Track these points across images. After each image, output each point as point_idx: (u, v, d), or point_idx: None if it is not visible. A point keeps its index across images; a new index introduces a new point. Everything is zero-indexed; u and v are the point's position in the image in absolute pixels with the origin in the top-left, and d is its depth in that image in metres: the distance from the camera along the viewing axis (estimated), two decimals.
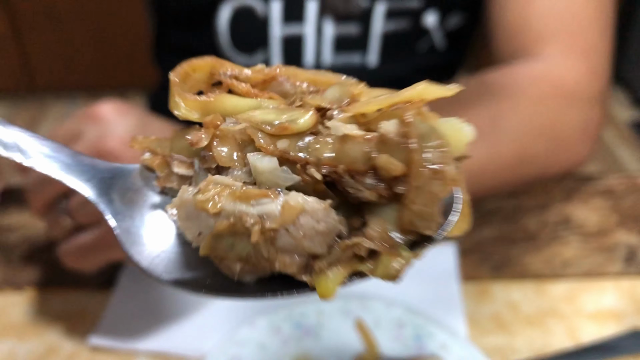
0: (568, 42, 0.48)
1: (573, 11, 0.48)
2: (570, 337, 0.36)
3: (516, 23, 0.49)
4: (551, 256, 0.41)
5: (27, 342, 0.36)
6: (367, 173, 0.17)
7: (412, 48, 0.55)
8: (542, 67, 0.46)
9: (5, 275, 0.40)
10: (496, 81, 0.45)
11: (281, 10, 0.53)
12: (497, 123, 0.41)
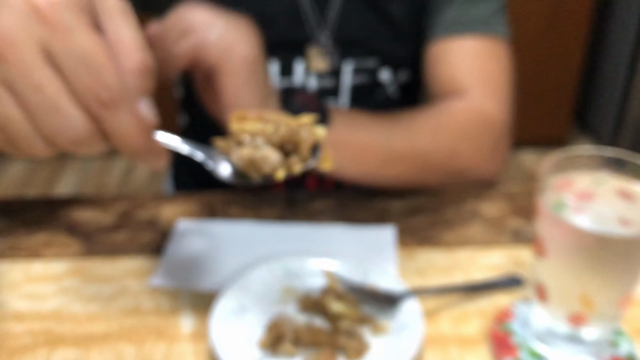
0: (484, 89, 0.68)
1: (487, 69, 0.68)
2: (466, 281, 0.54)
3: (446, 77, 0.69)
4: (461, 233, 0.60)
5: (96, 285, 0.54)
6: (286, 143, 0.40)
7: (372, 96, 0.76)
8: (467, 102, 0.66)
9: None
10: (433, 107, 0.65)
11: (279, 69, 0.73)
12: (425, 126, 0.61)
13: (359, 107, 0.75)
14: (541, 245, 0.43)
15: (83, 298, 0.53)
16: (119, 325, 0.50)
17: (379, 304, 0.49)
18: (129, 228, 0.61)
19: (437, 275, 0.55)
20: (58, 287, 0.54)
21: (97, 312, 0.51)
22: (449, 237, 0.59)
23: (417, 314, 0.47)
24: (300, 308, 0.50)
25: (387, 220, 0.61)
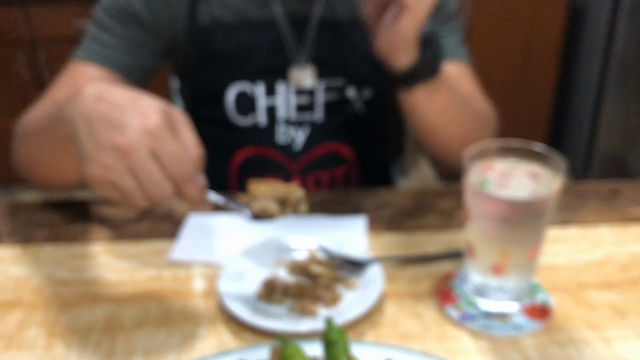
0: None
1: (465, 85, 0.85)
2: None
3: None
4: (419, 221, 0.74)
5: (125, 261, 0.67)
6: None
7: (342, 111, 0.91)
8: None
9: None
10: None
11: (264, 89, 0.88)
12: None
13: (332, 121, 0.90)
14: (468, 213, 0.56)
15: (115, 270, 0.66)
16: (144, 288, 0.63)
17: (350, 268, 0.63)
18: (149, 220, 0.75)
19: (398, 251, 0.68)
20: (94, 262, 0.67)
21: (127, 280, 0.64)
22: (409, 224, 0.73)
23: (379, 275, 0.61)
24: (289, 271, 0.63)
25: (360, 212, 0.75)
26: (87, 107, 0.50)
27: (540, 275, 0.64)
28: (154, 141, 0.48)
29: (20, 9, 2.03)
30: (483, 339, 0.56)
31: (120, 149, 0.47)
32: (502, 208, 0.54)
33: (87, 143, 0.49)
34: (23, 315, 0.59)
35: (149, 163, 0.48)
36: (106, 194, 0.50)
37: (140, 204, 0.50)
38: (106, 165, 0.48)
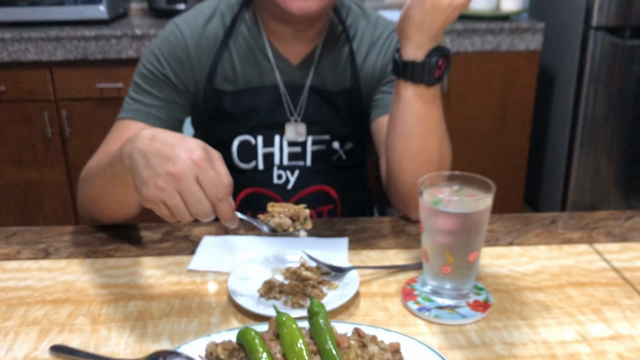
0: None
1: (430, 147, 1.01)
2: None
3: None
4: (392, 242, 0.90)
5: (151, 270, 0.83)
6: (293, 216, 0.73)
7: (328, 159, 1.09)
8: None
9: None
10: None
11: (262, 141, 1.07)
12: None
13: (319, 167, 1.08)
14: (422, 226, 0.73)
15: (143, 277, 0.82)
16: (168, 289, 0.78)
17: (333, 273, 0.79)
18: (171, 241, 0.91)
19: (372, 263, 0.84)
20: (126, 271, 0.83)
21: (154, 283, 0.80)
22: (383, 244, 0.89)
23: (356, 279, 0.77)
24: (285, 276, 0.79)
25: (343, 236, 0.92)
26: (144, 145, 0.67)
27: (485, 280, 0.80)
28: (198, 170, 0.65)
29: (47, 72, 2.25)
30: (435, 325, 0.71)
31: (172, 175, 0.64)
32: (450, 220, 0.70)
33: (145, 171, 0.66)
34: (72, 309, 0.75)
35: (194, 186, 0.65)
36: (158, 211, 0.67)
37: (185, 220, 0.66)
38: (161, 188, 0.65)
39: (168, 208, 0.66)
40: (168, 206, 0.66)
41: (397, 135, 0.90)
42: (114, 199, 0.85)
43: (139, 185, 0.67)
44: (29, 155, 2.36)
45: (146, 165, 0.66)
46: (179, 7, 2.46)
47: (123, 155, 0.72)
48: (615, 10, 2.28)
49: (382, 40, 1.08)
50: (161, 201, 0.65)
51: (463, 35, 2.33)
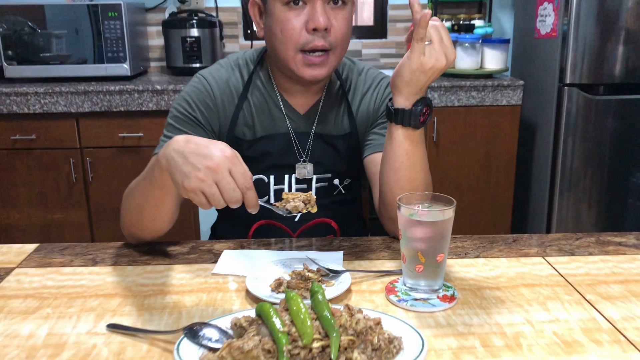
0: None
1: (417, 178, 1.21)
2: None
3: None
4: (379, 255, 1.09)
5: (182, 274, 1.02)
6: (304, 201, 0.95)
7: (330, 194, 1.29)
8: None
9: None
10: None
11: (274, 179, 1.27)
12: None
13: (322, 201, 1.28)
14: (401, 234, 0.92)
15: (175, 279, 1.00)
16: (197, 287, 0.97)
17: (330, 274, 0.98)
18: (197, 253, 1.10)
19: (362, 269, 1.03)
20: (161, 275, 1.02)
21: (184, 283, 0.98)
22: (372, 256, 1.09)
23: (348, 279, 0.95)
24: (291, 276, 0.97)
25: (339, 250, 1.11)
26: (180, 146, 0.87)
27: (454, 282, 0.98)
28: (230, 164, 0.84)
29: (74, 122, 2.49)
30: (411, 312, 0.89)
31: (210, 169, 0.83)
32: (422, 228, 0.90)
33: (185, 167, 0.85)
34: (120, 300, 0.93)
35: (228, 177, 0.83)
36: (196, 200, 0.85)
37: (219, 205, 0.85)
38: (201, 179, 0.83)
39: (206, 197, 0.84)
40: (206, 195, 0.84)
41: (389, 169, 1.11)
42: (152, 203, 1.03)
43: (181, 179, 0.85)
44: (54, 198, 2.57)
45: (186, 162, 0.85)
46: (194, 65, 2.72)
47: (159, 158, 0.91)
48: (587, 69, 2.53)
49: (372, 89, 1.30)
50: (201, 191, 0.84)
51: (450, 91, 2.57)
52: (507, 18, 3.19)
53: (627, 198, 2.69)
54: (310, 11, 1.11)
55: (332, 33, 1.13)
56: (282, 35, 1.13)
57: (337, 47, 1.15)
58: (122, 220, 1.14)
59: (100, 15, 2.55)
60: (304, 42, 1.12)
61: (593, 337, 0.82)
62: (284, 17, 1.12)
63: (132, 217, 1.10)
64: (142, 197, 1.05)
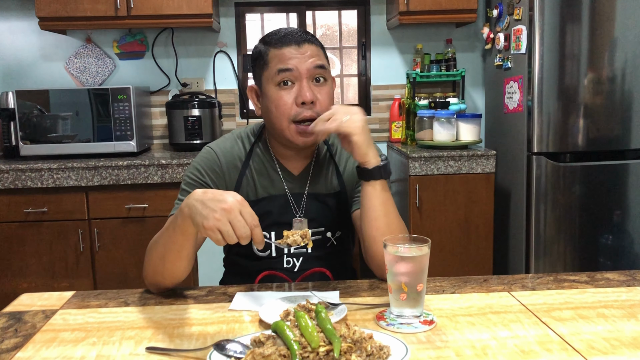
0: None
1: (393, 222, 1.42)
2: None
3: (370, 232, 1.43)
4: (372, 293, 1.27)
5: (204, 310, 1.19)
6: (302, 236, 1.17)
7: (323, 245, 1.48)
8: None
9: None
10: None
11: (274, 235, 1.47)
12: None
13: (317, 253, 1.47)
14: (387, 269, 1.12)
15: (199, 314, 1.18)
16: (217, 320, 1.15)
17: (330, 307, 1.16)
18: (214, 295, 1.28)
19: (356, 303, 1.22)
20: (186, 312, 1.20)
21: (206, 317, 1.16)
22: (363, 294, 1.27)
23: (344, 311, 1.14)
24: (296, 309, 1.16)
25: (336, 290, 1.29)
26: (199, 196, 1.08)
27: (433, 310, 1.17)
28: (240, 207, 1.05)
29: (84, 195, 2.69)
30: (398, 333, 1.07)
31: (225, 210, 1.04)
32: (405, 263, 1.10)
33: (204, 210, 1.05)
34: (153, 331, 1.10)
35: (239, 216, 1.04)
36: (213, 236, 1.05)
37: (232, 241, 1.04)
38: (217, 219, 1.04)
39: (221, 233, 1.04)
40: (222, 232, 1.04)
41: (369, 219, 1.32)
42: (175, 249, 1.19)
43: (201, 220, 1.05)
44: (61, 267, 2.72)
45: (204, 207, 1.06)
46: (195, 141, 2.97)
47: (182, 208, 1.12)
48: (552, 139, 2.80)
49: None
50: (217, 228, 1.04)
51: (430, 161, 2.83)
52: (478, 96, 3.51)
53: (599, 258, 2.90)
54: (298, 89, 1.36)
55: (317, 105, 1.38)
56: (277, 110, 1.38)
57: None
58: (145, 270, 1.31)
59: (111, 97, 2.81)
60: (295, 114, 1.37)
61: (545, 347, 1.00)
62: (277, 96, 1.37)
63: (156, 265, 1.28)
64: (165, 245, 1.23)
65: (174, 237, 1.19)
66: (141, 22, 2.95)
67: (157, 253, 1.26)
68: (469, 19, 3.12)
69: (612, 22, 2.76)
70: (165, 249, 1.23)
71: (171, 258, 1.23)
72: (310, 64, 1.36)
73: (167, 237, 1.22)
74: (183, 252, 1.22)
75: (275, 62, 1.36)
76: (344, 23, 3.67)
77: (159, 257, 1.25)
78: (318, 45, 1.41)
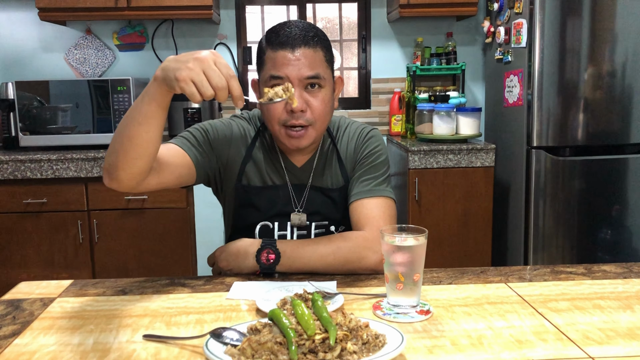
0: (369, 226, 1.40)
1: (373, 214, 1.42)
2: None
3: (358, 219, 1.43)
4: (368, 284, 1.28)
5: (201, 299, 1.20)
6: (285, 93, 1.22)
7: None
8: (362, 233, 1.38)
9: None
10: (341, 234, 1.38)
11: (277, 225, 1.47)
12: (338, 244, 1.33)
13: None
14: (384, 258, 1.12)
15: (196, 303, 1.18)
16: (214, 308, 1.15)
17: (327, 296, 1.17)
18: (211, 284, 1.29)
19: (353, 293, 1.22)
20: (183, 301, 1.20)
21: (205, 305, 1.17)
22: (360, 284, 1.28)
23: (341, 300, 1.14)
24: (292, 298, 1.16)
25: (333, 280, 1.30)
26: (171, 57, 1.05)
27: (430, 301, 1.17)
28: (214, 57, 1.03)
29: (83, 186, 2.69)
30: (394, 323, 1.08)
31: (198, 59, 1.01)
32: (402, 252, 1.10)
33: (176, 64, 1.02)
34: (150, 319, 1.11)
35: (213, 66, 1.01)
36: (187, 89, 1.01)
37: (207, 93, 1.01)
38: (190, 68, 1.01)
39: (195, 85, 1.01)
40: (195, 82, 1.01)
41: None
42: (139, 120, 1.09)
43: (173, 72, 1.01)
44: (60, 258, 2.73)
45: (177, 61, 1.02)
46: None
47: (156, 74, 1.06)
48: (552, 133, 2.80)
49: (355, 138, 1.51)
50: (190, 79, 1.01)
51: (429, 155, 2.83)
52: (478, 89, 3.51)
53: (597, 252, 2.91)
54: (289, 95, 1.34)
55: (310, 112, 1.34)
56: (268, 113, 1.37)
57: (315, 122, 1.37)
58: (108, 152, 1.19)
59: (110, 89, 2.81)
60: (285, 120, 1.35)
61: (541, 337, 1.01)
62: None
63: (115, 141, 1.15)
64: (130, 117, 1.11)
65: (141, 106, 1.09)
66: (141, 14, 2.94)
67: (121, 127, 1.14)
68: (470, 12, 3.12)
69: (612, 17, 2.75)
70: (130, 121, 1.11)
71: (133, 132, 1.10)
72: (302, 74, 1.31)
73: (134, 108, 1.10)
74: (146, 125, 1.10)
75: (269, 66, 1.33)
76: (344, 16, 3.66)
77: (120, 132, 1.13)
78: (318, 48, 1.34)
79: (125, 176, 1.19)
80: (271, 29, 1.37)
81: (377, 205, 1.42)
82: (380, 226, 1.32)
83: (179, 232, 2.74)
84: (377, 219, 1.39)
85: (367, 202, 1.41)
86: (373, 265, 1.34)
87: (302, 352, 0.88)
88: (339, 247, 1.33)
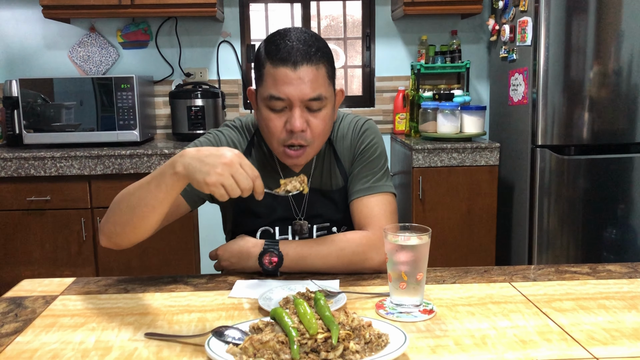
0: (371, 225, 1.40)
1: (374, 212, 1.41)
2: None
3: (359, 218, 1.42)
4: (370, 282, 1.27)
5: (204, 297, 1.19)
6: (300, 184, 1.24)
7: None
8: (365, 233, 1.38)
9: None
10: (342, 234, 1.37)
11: (278, 230, 1.46)
12: (341, 246, 1.33)
13: None
14: (387, 257, 1.12)
15: (198, 301, 1.18)
16: (217, 307, 1.15)
17: (329, 295, 1.16)
18: (214, 283, 1.28)
19: (356, 292, 1.21)
20: (185, 299, 1.20)
21: (207, 304, 1.16)
22: (363, 283, 1.27)
23: (344, 299, 1.13)
24: (295, 297, 1.16)
25: (336, 279, 1.29)
26: (194, 154, 1.07)
27: (433, 300, 1.17)
28: (239, 159, 1.05)
29: (87, 184, 2.69)
30: (397, 322, 1.07)
31: (226, 164, 1.04)
32: (405, 251, 1.09)
33: (204, 167, 1.04)
34: (153, 317, 1.10)
35: (240, 170, 1.04)
36: (216, 192, 1.04)
37: (235, 194, 1.05)
38: (219, 174, 1.04)
39: (225, 188, 1.05)
40: (225, 186, 1.04)
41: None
42: (151, 204, 1.13)
43: (202, 177, 1.04)
44: (64, 256, 2.73)
45: (204, 164, 1.05)
46: (198, 131, 2.96)
47: (174, 166, 1.08)
48: (557, 131, 2.79)
49: (351, 131, 1.48)
50: (220, 184, 1.04)
51: (433, 153, 2.82)
52: (483, 88, 3.49)
53: (602, 252, 2.89)
54: (289, 115, 1.28)
55: (309, 132, 1.30)
56: (267, 130, 1.33)
57: (314, 141, 1.34)
58: (106, 220, 1.23)
59: (114, 87, 2.81)
60: (284, 139, 1.32)
61: (545, 337, 1.00)
62: (268, 117, 1.30)
63: (122, 215, 1.19)
64: (142, 198, 1.15)
65: (155, 192, 1.13)
66: (145, 11, 2.94)
67: (129, 204, 1.18)
68: (475, 10, 3.10)
69: (618, 15, 2.73)
70: (140, 202, 1.15)
71: (144, 212, 1.16)
72: (304, 95, 1.26)
73: (147, 191, 1.14)
74: (159, 209, 1.15)
75: (269, 84, 1.27)
76: (348, 14, 3.65)
77: (130, 208, 1.18)
78: (320, 64, 1.28)
79: (127, 243, 1.26)
80: (271, 40, 1.29)
81: (377, 202, 1.41)
82: (383, 225, 1.31)
83: (182, 230, 2.74)
84: (378, 218, 1.38)
85: (367, 200, 1.40)
86: (377, 266, 1.33)
87: (305, 351, 0.87)
88: (342, 248, 1.32)
